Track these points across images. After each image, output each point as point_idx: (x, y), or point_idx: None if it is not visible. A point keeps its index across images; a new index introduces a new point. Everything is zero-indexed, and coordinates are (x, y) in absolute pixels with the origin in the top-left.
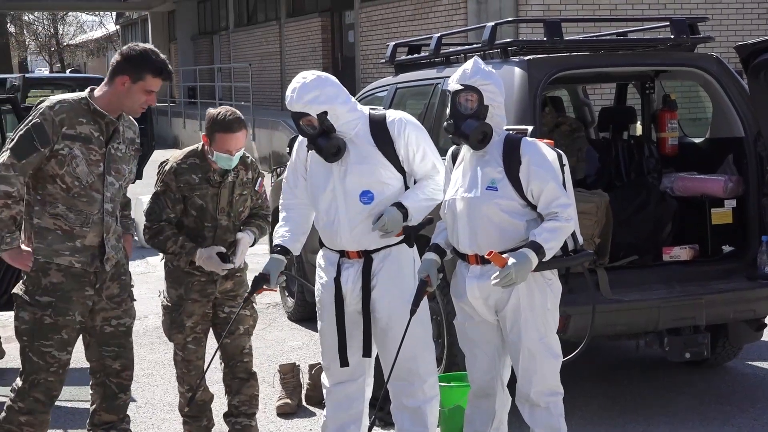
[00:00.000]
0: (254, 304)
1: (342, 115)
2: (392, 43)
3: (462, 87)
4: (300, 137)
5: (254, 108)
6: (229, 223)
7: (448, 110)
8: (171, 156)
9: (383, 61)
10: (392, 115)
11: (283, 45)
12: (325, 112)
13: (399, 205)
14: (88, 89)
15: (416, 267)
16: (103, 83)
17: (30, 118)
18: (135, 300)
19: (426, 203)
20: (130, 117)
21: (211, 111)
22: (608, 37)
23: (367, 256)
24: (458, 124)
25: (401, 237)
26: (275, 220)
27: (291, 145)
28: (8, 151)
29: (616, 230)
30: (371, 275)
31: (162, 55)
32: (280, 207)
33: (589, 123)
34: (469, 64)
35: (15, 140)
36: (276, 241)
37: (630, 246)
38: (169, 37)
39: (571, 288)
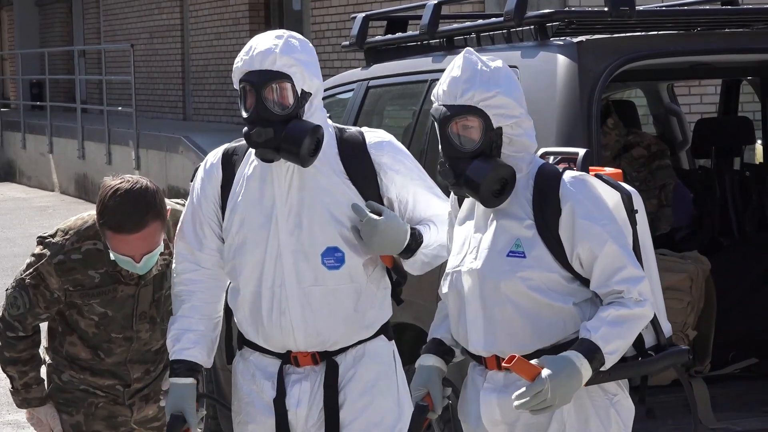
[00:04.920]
0: None
1: (319, 110)
2: (362, 15)
3: (449, 111)
4: (210, 161)
5: (139, 117)
6: (155, 332)
7: (439, 145)
8: (59, 227)
9: (347, 42)
10: (375, 136)
11: (186, 14)
12: (310, 94)
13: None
14: None
15: (399, 372)
16: None
17: None
18: None
19: (435, 253)
20: None
21: (106, 182)
22: (708, 7)
23: (328, 362)
24: (459, 171)
25: (375, 330)
26: None
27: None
28: None
29: (723, 316)
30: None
31: None
32: (173, 282)
33: (678, 144)
34: (456, 66)
35: None
36: (175, 354)
37: (745, 342)
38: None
39: (651, 408)
